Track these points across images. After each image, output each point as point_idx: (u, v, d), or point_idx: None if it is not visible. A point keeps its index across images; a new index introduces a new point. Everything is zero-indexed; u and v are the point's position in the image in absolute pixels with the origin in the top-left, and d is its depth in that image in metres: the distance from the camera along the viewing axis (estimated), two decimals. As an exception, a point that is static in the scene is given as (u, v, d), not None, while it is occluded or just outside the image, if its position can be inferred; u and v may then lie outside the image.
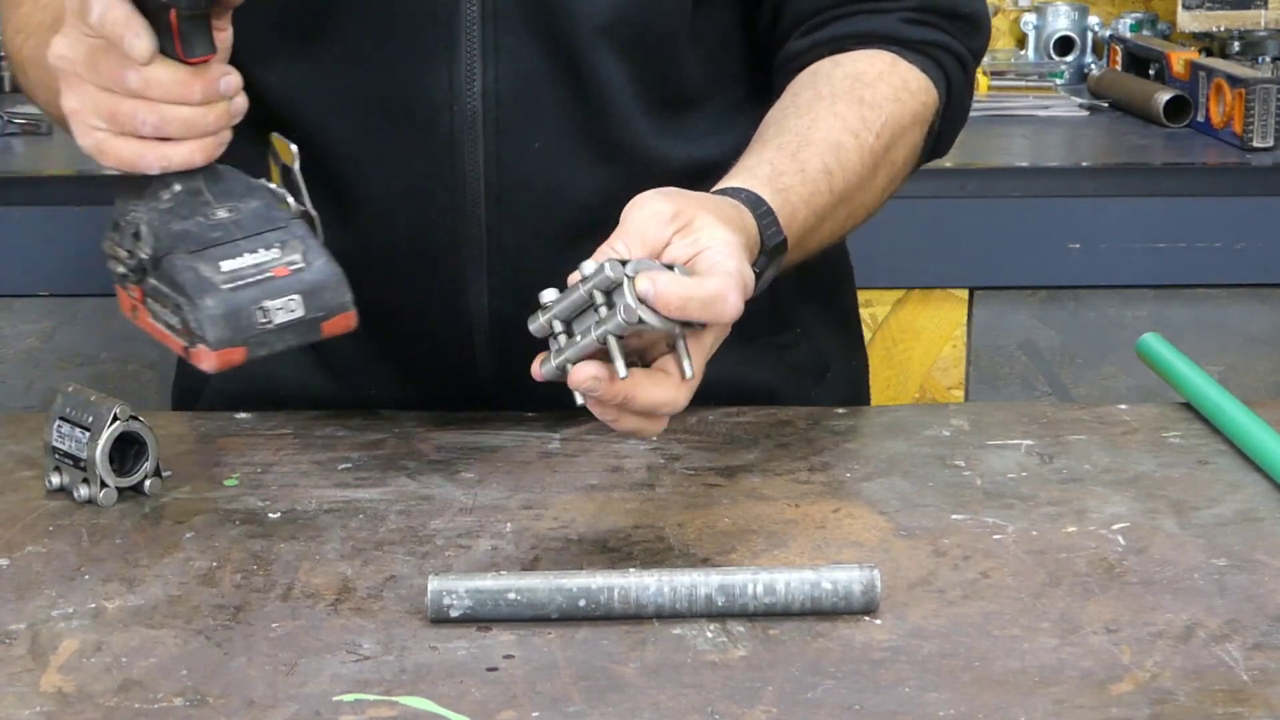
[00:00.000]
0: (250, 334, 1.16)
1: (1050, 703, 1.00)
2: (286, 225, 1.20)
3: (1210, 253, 2.40)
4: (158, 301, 1.19)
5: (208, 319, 1.15)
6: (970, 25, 1.46)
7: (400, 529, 1.22)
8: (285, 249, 1.18)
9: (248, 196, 1.21)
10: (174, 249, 1.18)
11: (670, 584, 1.08)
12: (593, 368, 1.11)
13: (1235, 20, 2.86)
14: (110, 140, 1.19)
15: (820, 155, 1.32)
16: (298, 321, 1.17)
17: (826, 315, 1.58)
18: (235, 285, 1.16)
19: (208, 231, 1.18)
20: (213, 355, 1.15)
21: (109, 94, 1.18)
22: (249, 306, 1.16)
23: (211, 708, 0.99)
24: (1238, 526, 1.23)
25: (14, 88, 2.80)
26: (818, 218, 1.32)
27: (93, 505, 1.26)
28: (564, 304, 1.12)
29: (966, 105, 1.48)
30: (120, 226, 1.21)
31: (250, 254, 1.18)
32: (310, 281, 1.18)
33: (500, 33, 1.37)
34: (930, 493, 1.29)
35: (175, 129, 1.18)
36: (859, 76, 1.39)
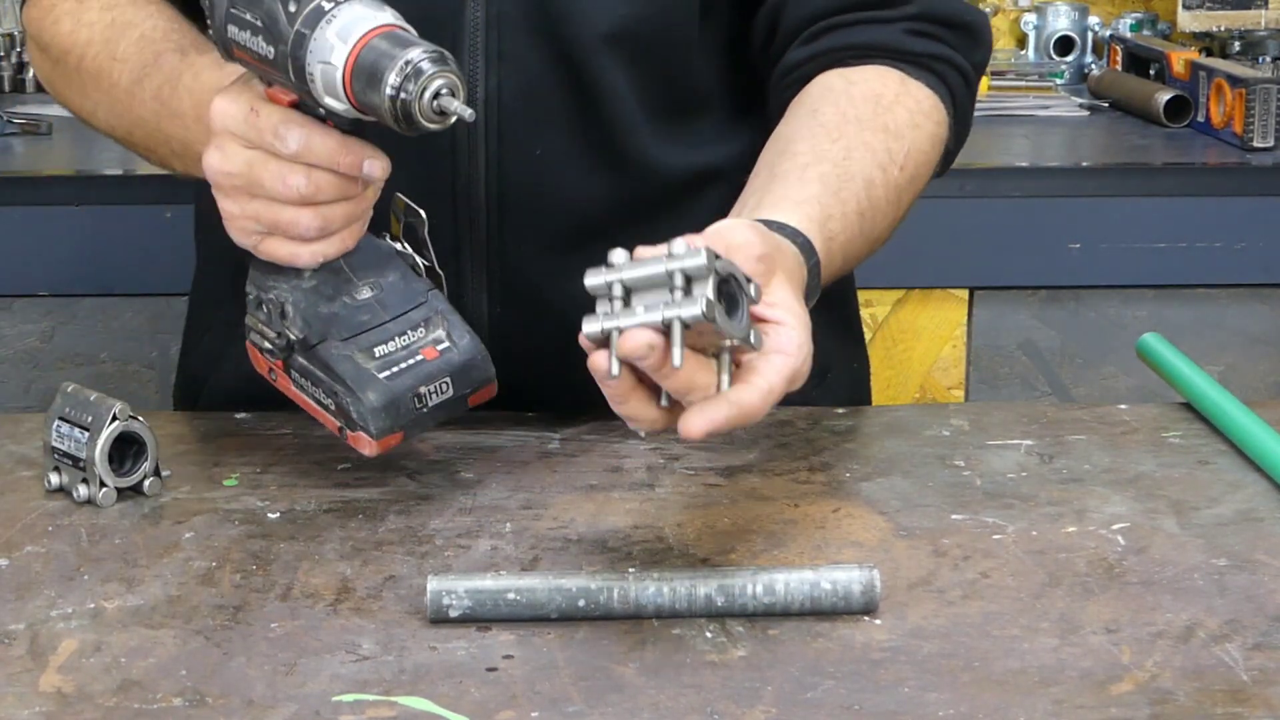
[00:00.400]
0: (407, 420, 1.22)
1: (1050, 703, 1.00)
2: (426, 299, 1.25)
3: (1210, 253, 2.40)
4: (307, 379, 1.24)
5: (370, 412, 1.21)
6: (970, 36, 1.44)
7: (399, 529, 1.22)
8: (429, 327, 1.25)
9: (385, 268, 1.25)
10: (326, 335, 1.23)
11: (670, 584, 1.08)
12: (650, 335, 1.03)
13: (1235, 20, 2.86)
14: (268, 240, 1.23)
15: (857, 196, 1.31)
16: (448, 401, 1.24)
17: (827, 318, 1.56)
18: (391, 374, 1.22)
19: (356, 314, 1.24)
20: (375, 444, 1.22)
21: (269, 203, 1.21)
22: (406, 395, 1.22)
23: (211, 708, 0.99)
24: (1238, 526, 1.23)
25: (14, 88, 2.80)
26: (846, 263, 1.32)
27: (92, 505, 1.26)
28: (636, 272, 1.04)
29: (969, 122, 1.47)
30: (263, 304, 1.25)
31: (399, 336, 1.24)
32: (458, 362, 1.24)
33: (504, 39, 1.37)
34: (930, 493, 1.29)
35: (335, 225, 1.22)
36: (878, 100, 1.37)
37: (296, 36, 1.15)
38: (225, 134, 1.21)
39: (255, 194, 1.21)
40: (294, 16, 1.15)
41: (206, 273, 1.58)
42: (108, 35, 1.40)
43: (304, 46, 1.15)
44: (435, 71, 1.12)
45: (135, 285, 2.34)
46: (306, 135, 1.18)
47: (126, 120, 1.39)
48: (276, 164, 1.20)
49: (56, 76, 1.47)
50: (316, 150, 1.19)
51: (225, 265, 1.52)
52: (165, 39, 1.37)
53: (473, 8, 1.37)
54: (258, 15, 1.17)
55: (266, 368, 1.28)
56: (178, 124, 1.33)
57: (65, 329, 2.36)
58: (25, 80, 2.79)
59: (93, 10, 1.42)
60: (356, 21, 1.14)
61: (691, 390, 1.06)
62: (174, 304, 2.28)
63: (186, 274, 1.61)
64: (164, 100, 1.34)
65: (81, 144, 2.47)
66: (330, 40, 1.14)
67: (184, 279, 1.62)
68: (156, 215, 2.27)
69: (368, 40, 1.14)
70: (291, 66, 1.16)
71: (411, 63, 1.12)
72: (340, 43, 1.14)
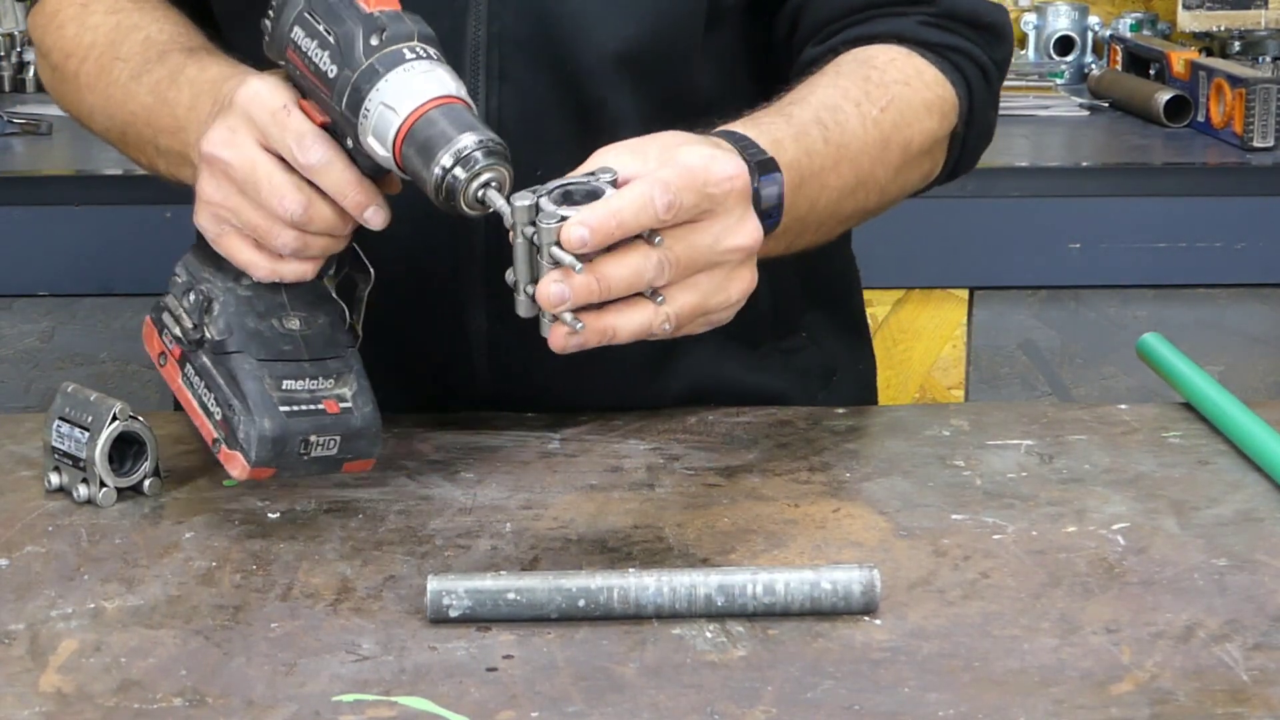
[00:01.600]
0: (287, 461, 1.20)
1: (1050, 703, 1.00)
2: (344, 354, 1.24)
3: (1210, 253, 2.40)
4: (203, 380, 1.22)
5: (258, 438, 1.19)
6: (992, 35, 1.42)
7: (400, 529, 1.22)
8: (339, 380, 1.23)
9: (318, 309, 1.24)
10: (244, 348, 1.21)
11: (670, 584, 1.08)
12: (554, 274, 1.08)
13: (1235, 20, 2.86)
14: (233, 238, 1.21)
15: (813, 109, 1.29)
16: (328, 458, 1.22)
17: (833, 319, 1.57)
18: (290, 410, 1.20)
19: (278, 341, 1.22)
20: (248, 469, 1.19)
21: (255, 207, 1.19)
22: (295, 437, 1.20)
23: (211, 708, 0.99)
24: (1238, 526, 1.23)
25: (14, 87, 2.80)
26: (814, 162, 1.27)
27: (92, 505, 1.25)
28: (519, 267, 1.10)
29: (991, 119, 1.45)
30: (192, 291, 1.24)
31: (310, 378, 1.22)
32: (354, 427, 1.22)
33: (505, 60, 1.36)
34: (930, 493, 1.29)
35: (309, 254, 1.21)
36: (868, 60, 1.36)
37: (368, 69, 1.14)
38: (245, 118, 1.19)
39: (245, 192, 1.19)
40: (372, 50, 1.15)
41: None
42: (112, 38, 1.39)
43: (372, 83, 1.14)
44: (487, 164, 1.12)
45: (135, 285, 2.33)
46: (329, 157, 1.17)
47: (120, 118, 1.37)
48: (281, 177, 1.18)
49: (57, 80, 1.47)
50: (333, 176, 1.17)
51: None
52: (171, 40, 1.36)
53: (474, 27, 1.36)
54: (333, 32, 1.16)
55: (159, 350, 1.26)
56: (167, 113, 1.30)
57: (65, 329, 2.36)
58: (25, 80, 2.79)
59: (97, 14, 1.42)
60: (432, 82, 1.14)
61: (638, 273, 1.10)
62: (174, 304, 2.28)
63: (186, 274, 1.60)
64: (160, 92, 1.32)
65: (81, 144, 2.47)
66: (401, 88, 1.13)
67: (184, 279, 1.62)
68: (156, 215, 2.27)
69: (435, 106, 1.13)
70: (349, 95, 1.15)
71: (467, 149, 1.11)
72: (410, 95, 1.13)
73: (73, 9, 1.44)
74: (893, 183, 1.36)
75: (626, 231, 1.09)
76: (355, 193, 1.18)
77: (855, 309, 1.62)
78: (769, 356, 1.50)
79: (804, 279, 1.50)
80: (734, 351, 1.47)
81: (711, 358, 1.45)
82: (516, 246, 1.10)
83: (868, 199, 1.35)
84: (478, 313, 1.41)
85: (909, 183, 1.39)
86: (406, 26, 1.16)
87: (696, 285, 1.13)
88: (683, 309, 1.13)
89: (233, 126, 1.19)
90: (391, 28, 1.15)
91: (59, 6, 1.45)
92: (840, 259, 1.58)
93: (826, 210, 1.30)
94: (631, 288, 1.10)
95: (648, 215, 1.09)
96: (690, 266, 1.12)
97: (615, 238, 1.09)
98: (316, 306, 1.24)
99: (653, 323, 1.12)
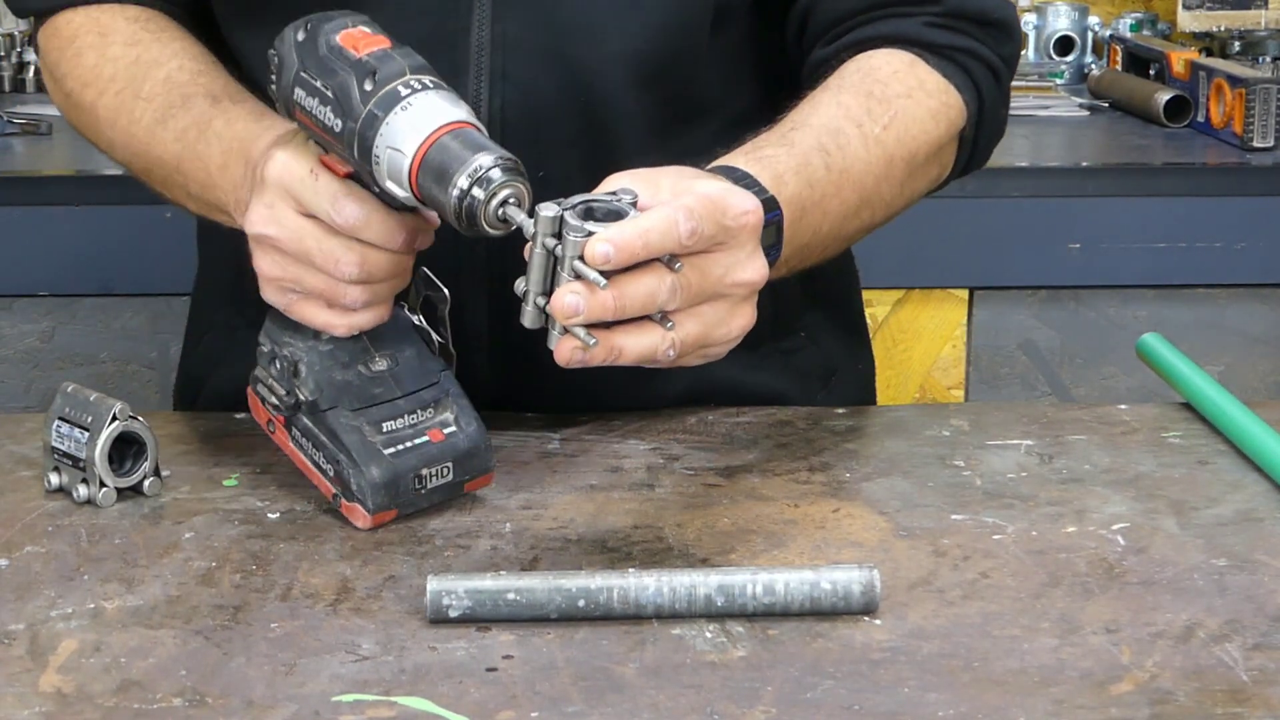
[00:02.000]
0: (405, 499, 1.22)
1: (1050, 703, 1.00)
2: (439, 379, 1.26)
3: (1210, 253, 2.40)
4: (309, 440, 1.24)
5: (370, 487, 1.21)
6: (1000, 32, 1.42)
7: (399, 529, 1.22)
8: (438, 408, 1.25)
9: (403, 341, 1.26)
10: (337, 403, 1.23)
11: (670, 584, 1.08)
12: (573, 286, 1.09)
13: (1235, 20, 2.86)
14: (303, 304, 1.23)
15: (815, 135, 1.30)
16: (446, 484, 1.24)
17: (832, 320, 1.57)
18: (395, 451, 1.22)
19: (369, 385, 1.24)
20: (369, 518, 1.22)
21: (315, 271, 1.20)
22: (408, 475, 1.22)
23: (211, 708, 0.99)
24: (1238, 526, 1.23)
25: (14, 87, 2.80)
26: (816, 192, 1.28)
27: (92, 505, 1.25)
28: (533, 277, 1.11)
29: (1002, 116, 1.45)
30: (277, 359, 1.25)
31: (408, 414, 1.24)
32: (463, 449, 1.24)
33: (509, 60, 1.36)
34: (930, 493, 1.29)
35: (380, 299, 1.22)
36: (871, 72, 1.36)
37: (368, 117, 1.15)
38: (280, 191, 1.20)
39: (300, 262, 1.20)
40: (368, 96, 1.15)
41: (207, 275, 1.58)
42: (132, 73, 1.39)
43: (374, 128, 1.14)
44: (504, 180, 1.12)
45: (135, 285, 2.34)
46: (364, 212, 1.18)
47: (145, 159, 1.38)
48: (330, 241, 1.19)
49: (70, 107, 1.46)
50: (374, 229, 1.18)
51: (226, 268, 1.52)
52: (193, 82, 1.36)
53: (479, 28, 1.36)
54: (329, 86, 1.17)
55: (265, 419, 1.28)
56: (199, 167, 1.32)
57: (65, 329, 2.36)
58: (25, 80, 2.79)
59: (116, 45, 1.41)
60: (432, 114, 1.14)
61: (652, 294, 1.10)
62: (174, 304, 2.28)
63: (186, 274, 1.60)
64: (188, 143, 1.33)
65: (81, 144, 2.44)
66: (403, 128, 1.14)
67: (184, 279, 1.62)
68: (156, 215, 2.27)
69: (441, 135, 1.13)
70: (358, 145, 1.15)
71: (483, 169, 1.12)
72: (414, 132, 1.13)
73: (91, 37, 1.43)
74: (899, 196, 1.37)
75: (650, 253, 1.10)
76: (398, 235, 1.19)
77: (855, 309, 1.62)
78: (769, 357, 1.50)
79: (803, 280, 1.49)
80: (734, 352, 1.47)
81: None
82: (534, 256, 1.10)
83: (874, 216, 1.36)
84: (479, 313, 1.40)
85: (917, 191, 1.40)
86: (397, 64, 1.16)
87: (702, 315, 1.14)
88: (688, 337, 1.14)
89: (270, 203, 1.21)
90: (382, 69, 1.15)
91: (75, 32, 1.44)
92: (840, 260, 1.57)
93: (830, 234, 1.32)
94: (644, 309, 1.11)
95: (671, 239, 1.10)
96: (700, 295, 1.13)
97: (639, 258, 1.09)
98: (401, 340, 1.26)
99: (659, 348, 1.12)
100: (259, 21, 1.36)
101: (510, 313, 1.40)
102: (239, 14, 1.43)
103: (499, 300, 1.40)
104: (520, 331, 1.29)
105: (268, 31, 1.25)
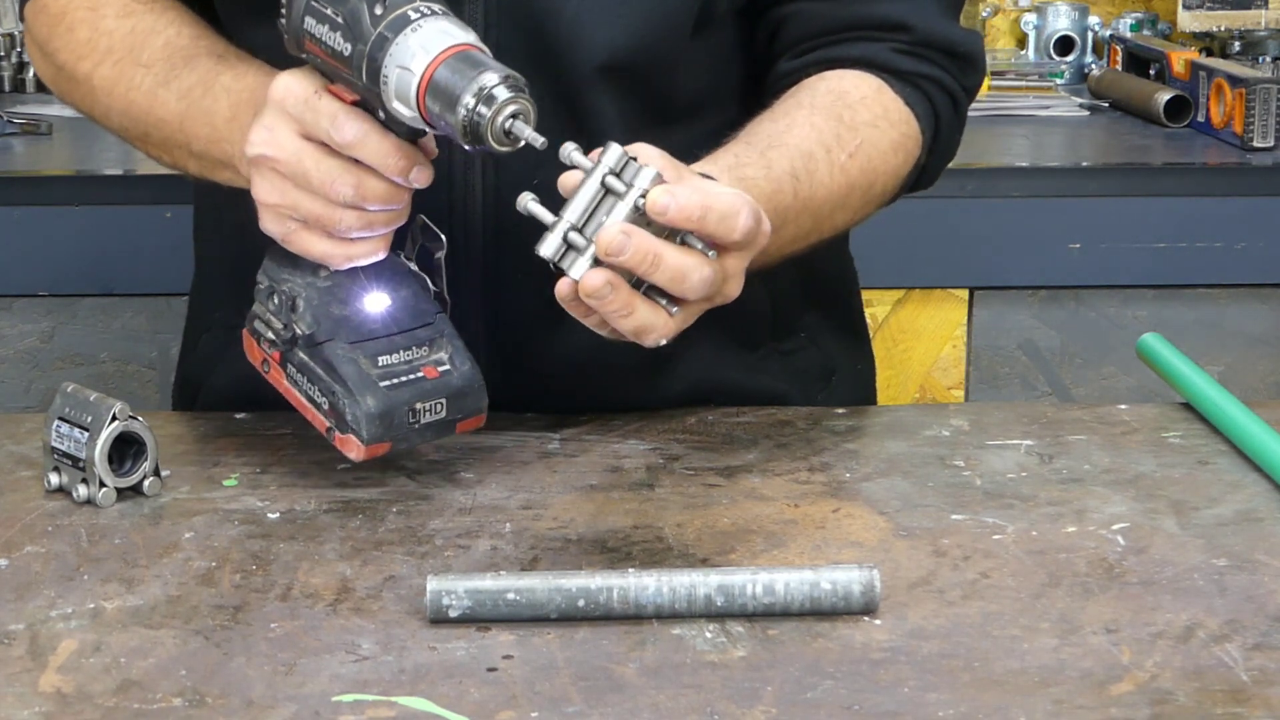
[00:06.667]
0: (399, 432, 1.24)
1: (1050, 703, 1.00)
2: (434, 321, 1.27)
3: (1210, 253, 2.40)
4: (304, 375, 1.26)
5: (365, 416, 1.23)
6: (966, 63, 1.44)
7: (399, 529, 1.22)
8: (433, 347, 1.27)
9: (399, 284, 1.27)
10: (334, 335, 1.25)
11: (670, 584, 1.08)
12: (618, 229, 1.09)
13: (1235, 20, 2.86)
14: (301, 233, 1.24)
15: (789, 158, 1.31)
16: (439, 422, 1.25)
17: (832, 321, 1.57)
18: (391, 384, 1.24)
19: (365, 321, 1.25)
20: (363, 449, 1.23)
21: (312, 196, 1.21)
22: (402, 407, 1.24)
23: (210, 708, 0.99)
24: (1238, 526, 1.23)
25: (14, 87, 2.80)
26: (779, 218, 1.29)
27: (92, 505, 1.25)
28: (577, 205, 1.11)
29: (955, 141, 1.47)
30: (275, 294, 1.26)
31: (404, 350, 1.26)
32: (456, 386, 1.26)
33: None
34: (930, 493, 1.29)
35: (377, 228, 1.23)
36: (842, 95, 1.38)
37: (378, 38, 1.16)
38: (279, 112, 1.21)
39: (299, 185, 1.21)
40: (378, 19, 1.17)
41: (205, 275, 1.58)
42: (130, 42, 1.39)
43: (384, 49, 1.16)
44: (510, 98, 1.13)
45: (135, 285, 2.33)
46: (364, 130, 1.19)
47: (144, 123, 1.38)
48: (328, 162, 1.20)
49: (62, 79, 1.46)
50: (371, 147, 1.19)
51: (223, 268, 1.52)
52: (194, 45, 1.37)
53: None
54: (339, 12, 1.18)
55: (261, 358, 1.29)
56: (204, 123, 1.32)
57: (65, 329, 2.36)
58: (25, 80, 2.79)
59: (109, 18, 1.41)
60: (440, 35, 1.16)
61: (684, 274, 1.10)
62: (174, 304, 2.28)
63: (186, 274, 1.60)
64: (194, 100, 1.33)
65: (81, 144, 2.47)
66: (412, 48, 1.15)
67: (184, 279, 1.62)
68: (156, 215, 2.27)
69: (448, 55, 1.15)
70: (367, 66, 1.17)
71: (487, 87, 1.13)
72: (422, 52, 1.15)
73: (82, 12, 1.43)
74: (849, 221, 1.40)
75: (703, 226, 1.11)
76: (396, 158, 1.20)
77: (854, 309, 1.62)
78: (768, 358, 1.50)
79: (802, 280, 1.50)
80: (733, 353, 1.47)
81: (711, 359, 1.45)
82: (584, 187, 1.11)
83: (820, 238, 1.38)
84: (476, 320, 1.40)
85: (866, 215, 1.42)
86: None
87: (690, 312, 1.15)
88: (678, 328, 1.14)
89: (269, 124, 1.22)
90: None
91: (65, 8, 1.44)
92: (839, 260, 1.58)
93: (774, 254, 1.32)
94: (670, 282, 1.12)
95: (728, 225, 1.12)
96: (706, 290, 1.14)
97: (689, 226, 1.10)
98: (398, 282, 1.27)
99: (657, 329, 1.13)
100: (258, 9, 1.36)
101: (508, 313, 1.40)
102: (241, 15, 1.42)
103: (496, 302, 1.40)
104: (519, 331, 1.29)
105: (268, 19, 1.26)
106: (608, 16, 1.36)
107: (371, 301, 1.26)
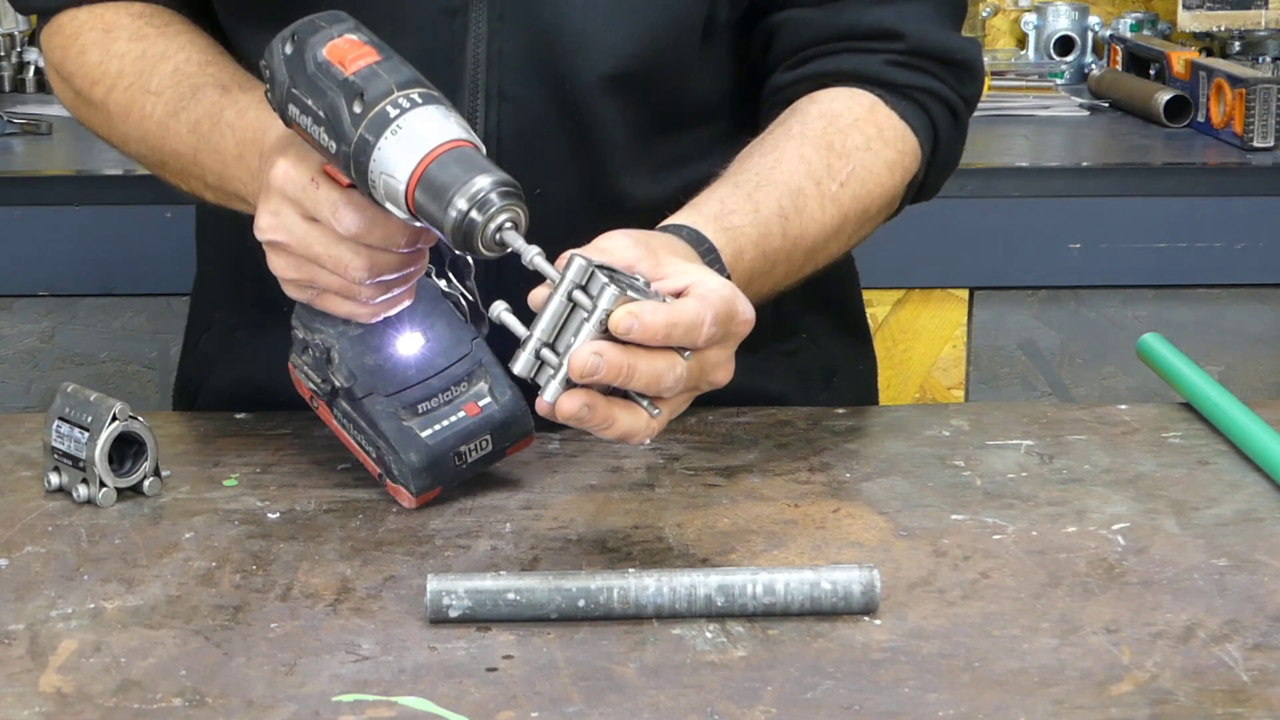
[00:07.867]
0: (447, 476, 1.24)
1: (1050, 703, 1.00)
2: (470, 350, 1.26)
3: (1210, 253, 2.40)
4: (349, 424, 1.26)
5: (411, 471, 1.23)
6: (963, 71, 1.43)
7: (399, 529, 1.22)
8: (472, 380, 1.26)
9: (432, 314, 1.26)
10: (372, 389, 1.24)
11: (670, 584, 1.08)
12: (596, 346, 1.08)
13: (1235, 20, 2.86)
14: (324, 298, 1.23)
15: (777, 198, 1.30)
16: (487, 455, 1.26)
17: (833, 321, 1.57)
18: (433, 432, 1.24)
19: (402, 369, 1.24)
20: (414, 500, 1.24)
21: (329, 275, 1.21)
22: (447, 454, 1.24)
23: (210, 708, 0.99)
24: (1238, 526, 1.23)
25: (14, 87, 2.80)
26: (768, 261, 1.30)
27: (92, 505, 1.26)
28: (544, 324, 1.09)
29: (957, 153, 1.45)
30: (309, 348, 1.26)
31: (442, 393, 1.25)
32: (499, 420, 1.26)
33: (505, 78, 1.36)
34: (930, 493, 1.29)
35: (395, 290, 1.22)
36: (834, 120, 1.37)
37: (360, 142, 1.13)
38: (283, 198, 1.20)
39: (312, 263, 1.21)
40: (358, 118, 1.13)
41: (205, 275, 1.58)
42: (140, 67, 1.39)
43: (367, 154, 1.13)
44: (502, 205, 1.11)
45: (135, 285, 2.34)
46: (364, 220, 1.18)
47: (160, 153, 1.38)
48: (337, 246, 1.19)
49: (81, 104, 1.46)
50: (376, 234, 1.18)
51: (224, 268, 1.52)
52: (202, 72, 1.36)
53: (474, 45, 1.36)
54: (320, 105, 1.15)
55: (309, 395, 1.29)
56: (215, 159, 1.32)
57: (65, 329, 2.36)
58: (25, 80, 2.79)
59: (121, 41, 1.41)
60: (423, 137, 1.12)
61: (659, 378, 1.10)
62: (174, 304, 2.28)
63: (187, 274, 1.60)
64: (203, 134, 1.33)
65: (81, 144, 2.47)
66: (395, 155, 1.12)
67: (184, 279, 1.62)
68: (156, 215, 2.27)
69: (435, 157, 1.12)
70: (355, 169, 1.14)
71: (481, 192, 1.11)
72: (406, 158, 1.12)
73: (94, 34, 1.43)
74: (845, 247, 1.39)
75: (669, 343, 1.10)
76: (401, 237, 1.19)
77: (855, 310, 1.62)
78: (769, 359, 1.49)
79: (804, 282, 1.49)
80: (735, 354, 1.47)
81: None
82: (551, 302, 1.09)
83: (815, 269, 1.38)
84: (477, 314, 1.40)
85: (864, 238, 1.41)
86: (384, 82, 1.14)
87: (674, 404, 1.14)
88: (662, 425, 1.14)
89: (274, 210, 1.21)
90: (369, 89, 1.14)
91: (78, 30, 1.44)
92: (840, 261, 1.57)
93: (769, 293, 1.33)
94: (646, 388, 1.11)
95: (691, 339, 1.11)
96: (687, 387, 1.13)
97: (656, 342, 1.09)
98: (431, 313, 1.26)
99: (640, 431, 1.12)
100: (258, 19, 1.36)
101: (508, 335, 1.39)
102: (239, 12, 1.42)
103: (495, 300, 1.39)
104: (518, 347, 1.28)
105: (268, 29, 1.25)
106: (614, 25, 1.36)
107: (405, 344, 1.25)
